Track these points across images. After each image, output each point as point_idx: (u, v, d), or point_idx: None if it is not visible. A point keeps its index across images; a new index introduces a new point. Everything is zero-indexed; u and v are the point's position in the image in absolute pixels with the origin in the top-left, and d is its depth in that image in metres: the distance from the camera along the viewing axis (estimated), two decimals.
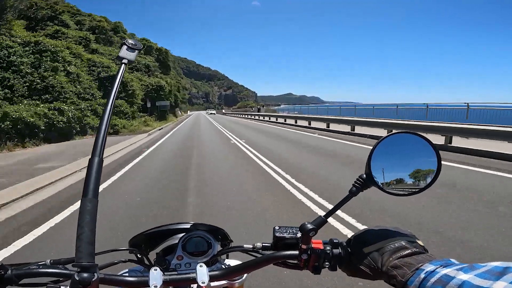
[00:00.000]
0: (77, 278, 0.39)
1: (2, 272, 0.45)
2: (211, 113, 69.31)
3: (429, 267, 0.39)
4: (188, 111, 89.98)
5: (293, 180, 5.16)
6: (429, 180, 0.51)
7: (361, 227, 3.57)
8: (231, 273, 0.55)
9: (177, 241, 0.66)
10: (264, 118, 28.96)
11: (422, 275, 0.38)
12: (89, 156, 0.49)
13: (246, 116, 44.92)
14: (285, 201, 4.11)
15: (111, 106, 0.54)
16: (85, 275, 0.40)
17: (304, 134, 13.84)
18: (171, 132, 17.61)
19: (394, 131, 0.52)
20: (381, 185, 0.50)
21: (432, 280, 0.37)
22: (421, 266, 0.40)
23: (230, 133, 15.20)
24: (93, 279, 0.40)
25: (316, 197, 4.22)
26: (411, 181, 0.51)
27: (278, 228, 0.56)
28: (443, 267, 0.37)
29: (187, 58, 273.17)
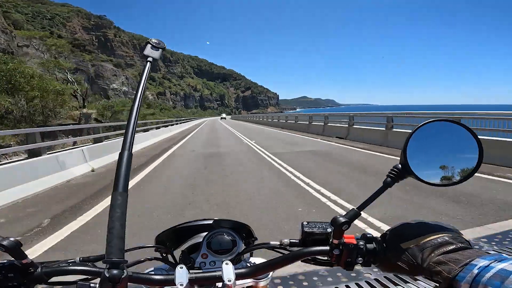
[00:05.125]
0: (107, 275, 0.39)
1: (32, 270, 0.45)
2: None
3: (482, 262, 0.37)
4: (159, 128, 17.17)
5: None
6: (469, 170, 0.48)
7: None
8: (258, 271, 0.53)
9: (201, 240, 0.65)
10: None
11: (475, 271, 0.36)
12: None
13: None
14: None
15: (139, 102, 0.55)
16: (115, 271, 0.39)
17: None
18: None
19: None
20: (418, 175, 0.47)
21: (488, 275, 0.34)
22: (471, 261, 0.38)
23: None
24: (123, 276, 0.39)
25: None
26: (450, 171, 0.48)
27: (306, 223, 0.53)
28: (498, 262, 0.35)
29: (198, 57, 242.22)
